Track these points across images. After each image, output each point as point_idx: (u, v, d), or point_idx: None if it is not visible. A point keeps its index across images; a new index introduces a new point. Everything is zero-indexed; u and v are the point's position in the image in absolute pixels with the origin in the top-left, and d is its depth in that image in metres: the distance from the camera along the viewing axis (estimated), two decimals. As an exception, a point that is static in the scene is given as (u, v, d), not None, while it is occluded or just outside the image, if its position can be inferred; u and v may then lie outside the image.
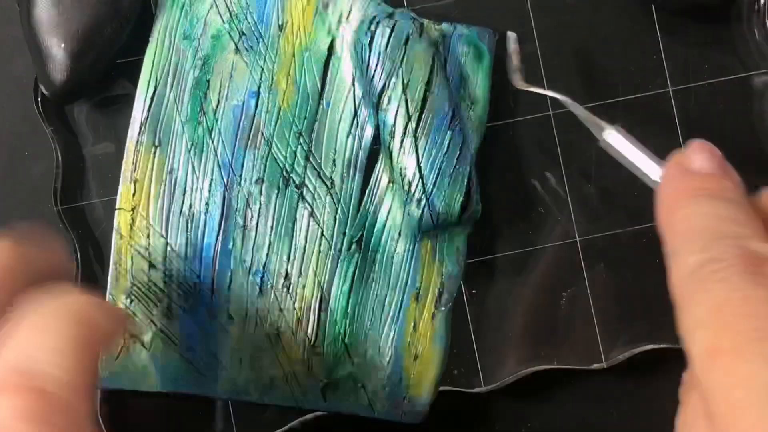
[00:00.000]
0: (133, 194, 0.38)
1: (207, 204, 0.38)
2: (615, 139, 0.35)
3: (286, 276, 0.38)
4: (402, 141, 0.37)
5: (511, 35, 0.39)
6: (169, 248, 0.38)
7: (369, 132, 0.38)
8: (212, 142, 0.38)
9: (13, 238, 0.30)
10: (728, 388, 0.26)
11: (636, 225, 0.40)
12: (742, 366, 0.26)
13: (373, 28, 0.37)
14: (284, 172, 0.38)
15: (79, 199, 0.40)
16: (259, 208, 0.38)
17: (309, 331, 0.38)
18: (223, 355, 0.38)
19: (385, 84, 0.37)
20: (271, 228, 0.38)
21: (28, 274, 0.30)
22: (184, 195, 0.38)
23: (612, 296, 0.40)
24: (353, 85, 0.38)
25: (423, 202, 0.37)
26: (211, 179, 0.38)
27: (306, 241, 0.38)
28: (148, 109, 0.38)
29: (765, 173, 0.40)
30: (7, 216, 0.40)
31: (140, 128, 0.38)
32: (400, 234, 0.38)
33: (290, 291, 0.38)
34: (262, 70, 0.38)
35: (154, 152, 0.38)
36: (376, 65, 0.37)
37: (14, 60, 0.40)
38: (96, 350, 0.28)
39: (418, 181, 0.36)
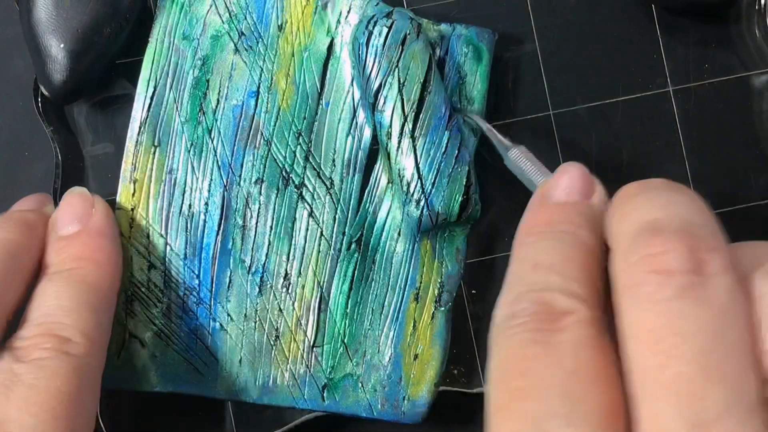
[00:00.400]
0: (133, 194, 0.38)
1: (206, 204, 0.38)
2: (511, 162, 0.36)
3: (286, 276, 0.38)
4: (399, 141, 0.37)
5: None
6: (168, 248, 0.38)
7: (368, 132, 0.38)
8: (212, 142, 0.38)
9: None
10: None
11: (636, 225, 0.40)
12: (505, 424, 0.26)
13: (370, 27, 0.37)
14: (284, 172, 0.38)
15: (79, 199, 0.40)
16: (259, 207, 0.38)
17: (308, 331, 0.38)
18: (222, 355, 0.38)
19: (381, 83, 0.37)
20: (271, 228, 0.38)
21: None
22: (183, 195, 0.38)
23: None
24: (352, 85, 0.38)
25: (422, 202, 0.37)
26: (211, 179, 0.38)
27: (305, 241, 0.38)
28: (148, 109, 0.38)
29: (765, 173, 0.40)
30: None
31: (140, 128, 0.38)
32: (399, 234, 0.38)
33: (290, 291, 0.38)
34: (262, 70, 0.38)
35: (154, 152, 0.38)
36: (373, 65, 0.37)
37: (14, 60, 0.40)
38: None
39: (417, 182, 0.36)
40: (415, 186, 0.37)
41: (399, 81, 0.36)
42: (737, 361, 0.25)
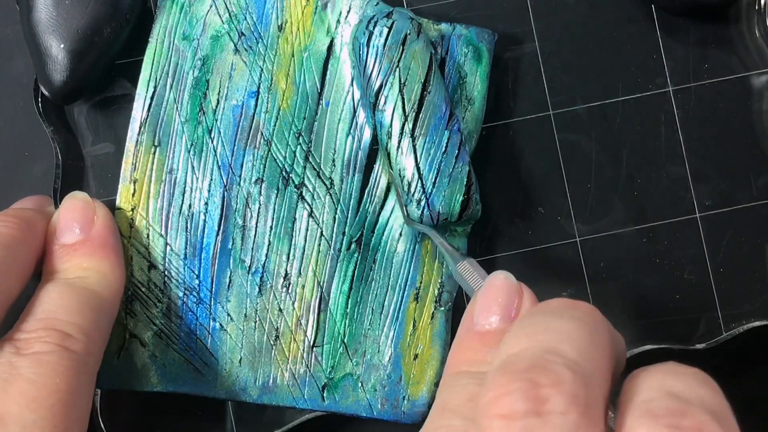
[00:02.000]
0: (133, 194, 0.38)
1: (206, 204, 0.38)
2: (459, 275, 0.35)
3: (286, 276, 0.38)
4: (399, 141, 0.37)
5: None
6: (168, 248, 0.38)
7: (368, 132, 0.38)
8: (212, 142, 0.38)
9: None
10: None
11: (636, 225, 0.40)
12: None
13: (371, 27, 0.37)
14: (284, 172, 0.38)
15: (79, 199, 0.40)
16: (259, 207, 0.38)
17: (308, 331, 0.38)
18: (222, 355, 0.38)
19: (382, 83, 0.37)
20: (271, 228, 0.38)
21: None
22: (183, 195, 0.38)
23: (612, 296, 0.40)
24: (352, 85, 0.38)
25: (422, 202, 0.37)
26: (211, 179, 0.38)
27: (305, 241, 0.38)
28: (148, 109, 0.38)
29: (765, 173, 0.40)
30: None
31: (140, 128, 0.38)
32: (400, 234, 0.38)
33: (290, 291, 0.38)
34: (262, 70, 0.38)
35: (154, 152, 0.38)
36: (374, 65, 0.37)
37: (14, 60, 0.40)
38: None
39: (417, 181, 0.36)
40: (416, 186, 0.37)
41: (400, 81, 0.36)
42: None
